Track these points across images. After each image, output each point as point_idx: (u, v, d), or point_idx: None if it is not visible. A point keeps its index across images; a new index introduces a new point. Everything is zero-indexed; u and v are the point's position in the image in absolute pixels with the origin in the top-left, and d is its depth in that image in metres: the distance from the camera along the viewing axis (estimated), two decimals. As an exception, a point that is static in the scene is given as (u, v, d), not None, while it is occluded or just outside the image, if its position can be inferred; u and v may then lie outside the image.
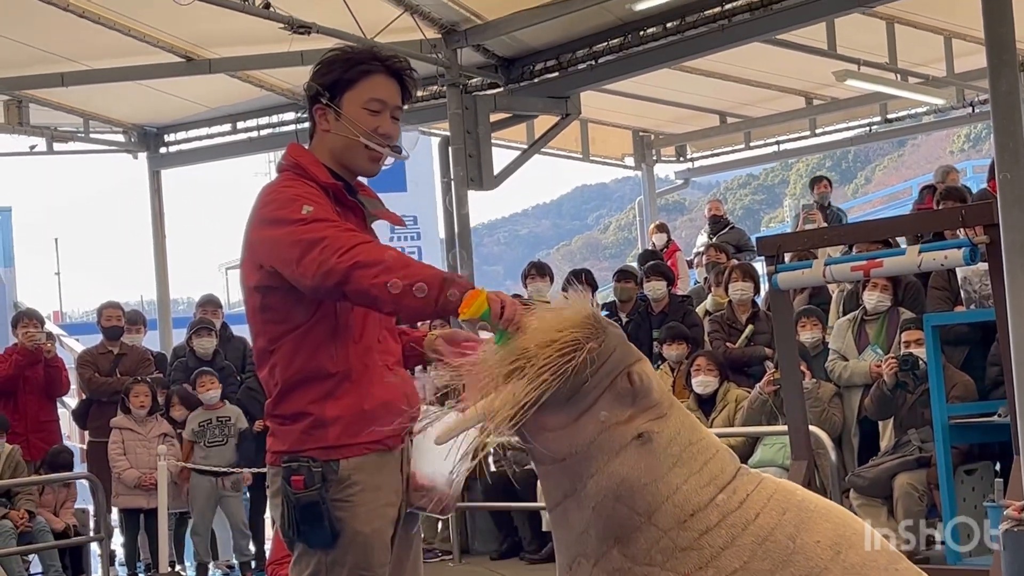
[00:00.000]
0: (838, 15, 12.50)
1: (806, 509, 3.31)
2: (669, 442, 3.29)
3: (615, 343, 3.33)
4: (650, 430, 3.28)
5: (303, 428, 3.70)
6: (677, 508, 3.24)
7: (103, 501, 10.37)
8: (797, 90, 17.01)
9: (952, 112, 17.22)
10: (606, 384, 3.30)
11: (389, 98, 3.82)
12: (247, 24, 11.27)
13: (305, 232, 3.53)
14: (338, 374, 3.68)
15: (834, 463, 8.16)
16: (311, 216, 3.57)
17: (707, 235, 15.52)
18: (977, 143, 54.08)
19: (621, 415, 3.29)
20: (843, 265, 7.44)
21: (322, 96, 3.79)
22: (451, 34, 12.70)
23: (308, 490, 3.65)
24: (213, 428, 10.79)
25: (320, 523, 3.66)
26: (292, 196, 3.65)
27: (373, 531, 3.71)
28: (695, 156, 20.02)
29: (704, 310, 11.47)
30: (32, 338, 11.00)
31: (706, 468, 3.30)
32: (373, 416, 3.69)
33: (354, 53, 3.88)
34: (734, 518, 3.25)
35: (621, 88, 15.64)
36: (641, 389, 3.31)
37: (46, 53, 13.11)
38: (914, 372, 8.47)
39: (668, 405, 3.36)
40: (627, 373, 3.31)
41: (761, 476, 3.38)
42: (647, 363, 3.42)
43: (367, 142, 3.78)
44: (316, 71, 3.86)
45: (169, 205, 16.75)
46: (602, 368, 3.28)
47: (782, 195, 62.71)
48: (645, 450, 3.27)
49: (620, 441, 3.27)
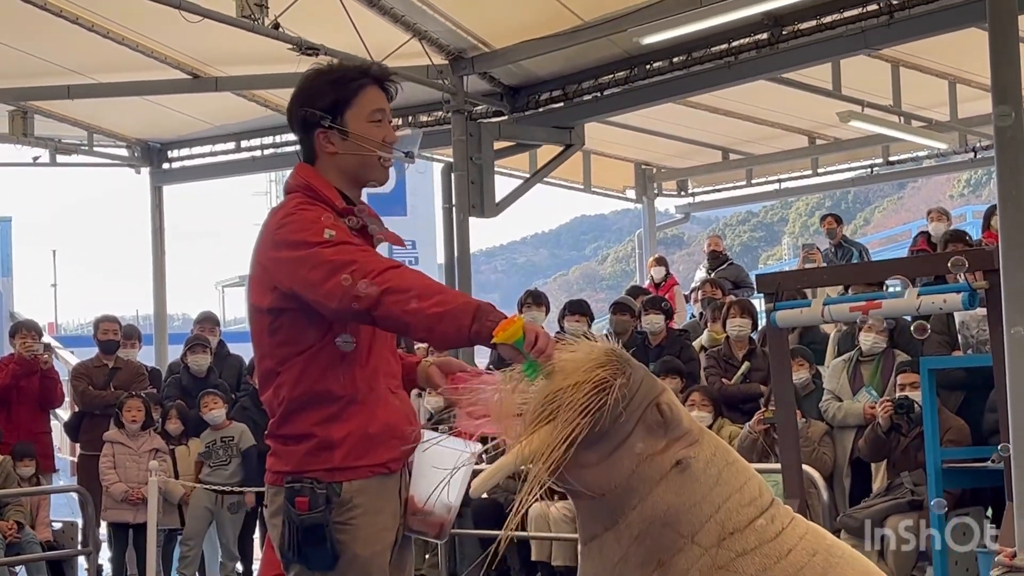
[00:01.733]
0: (844, 56, 12.54)
1: (834, 554, 3.37)
2: (707, 465, 3.36)
3: (641, 376, 3.38)
4: (687, 456, 3.35)
5: (308, 449, 3.68)
6: (719, 525, 3.30)
7: (92, 514, 10.33)
8: (800, 129, 17.06)
9: (954, 156, 17.28)
10: (637, 417, 3.35)
11: (384, 106, 3.85)
12: (255, 43, 11.30)
13: (331, 255, 3.52)
14: (345, 397, 3.67)
15: (826, 503, 8.14)
16: (335, 239, 3.57)
17: (705, 270, 15.53)
18: (977, 188, 54.28)
19: (656, 446, 3.36)
20: (842, 305, 7.43)
21: (324, 120, 3.78)
22: (458, 61, 12.74)
23: (312, 512, 3.64)
24: (217, 449, 10.79)
25: (322, 545, 3.65)
26: (312, 218, 3.64)
27: (372, 554, 3.70)
28: (696, 191, 20.05)
29: (700, 345, 11.46)
30: (29, 348, 10.99)
31: (746, 487, 3.38)
32: (378, 439, 3.70)
33: (340, 72, 3.87)
34: (769, 548, 3.31)
35: (625, 120, 15.69)
36: (671, 419, 3.37)
37: (53, 65, 13.15)
38: (909, 415, 8.47)
39: (699, 431, 3.44)
40: (656, 405, 3.36)
41: (793, 512, 3.45)
42: (670, 392, 3.48)
43: (383, 154, 3.79)
44: (305, 97, 3.83)
45: (168, 220, 16.77)
46: (631, 403, 3.33)
47: (781, 233, 62.96)
48: (685, 476, 3.34)
49: (660, 471, 3.34)
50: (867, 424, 8.95)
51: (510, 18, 12.12)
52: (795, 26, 11.57)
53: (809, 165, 18.50)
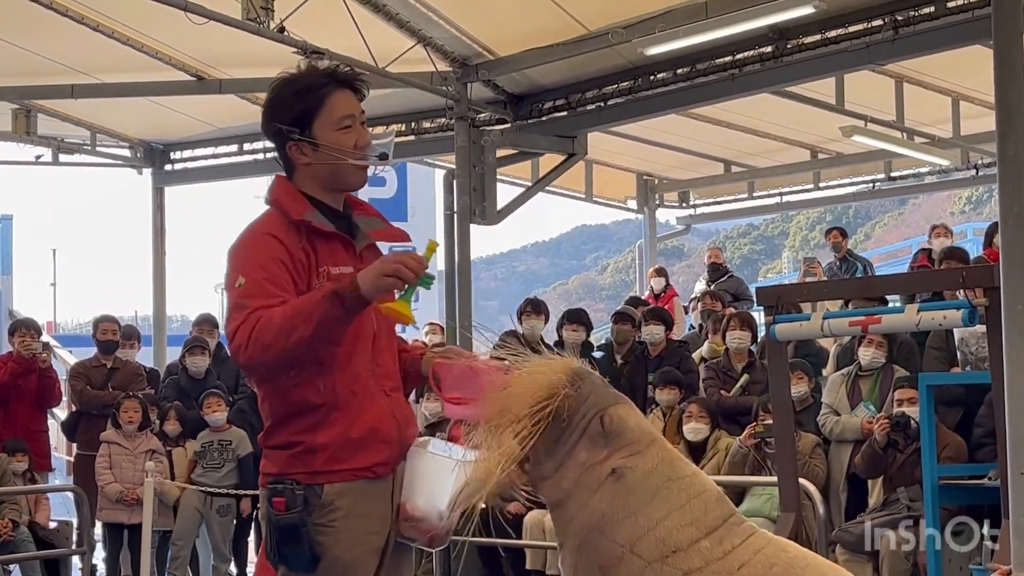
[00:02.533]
0: (848, 71, 12.55)
1: (796, 566, 3.31)
2: (645, 477, 3.36)
3: (590, 388, 3.44)
4: (623, 466, 3.37)
5: (292, 453, 3.71)
6: (659, 541, 3.29)
7: (87, 514, 10.33)
8: (803, 143, 17.07)
9: (955, 173, 17.28)
10: (583, 428, 3.40)
11: (354, 110, 3.82)
12: (260, 46, 11.29)
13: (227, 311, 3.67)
14: (324, 405, 3.68)
15: (821, 516, 8.13)
16: (239, 294, 3.61)
17: (705, 282, 15.54)
18: (978, 206, 54.31)
19: (598, 456, 3.39)
20: (841, 319, 7.43)
21: (292, 133, 3.78)
22: (462, 68, 12.74)
23: (289, 512, 3.65)
24: (213, 451, 10.77)
25: (299, 546, 3.66)
26: (239, 258, 3.69)
27: (354, 558, 3.70)
28: (697, 203, 20.05)
29: (700, 356, 11.46)
30: (28, 347, 10.99)
31: (688, 506, 3.34)
32: (361, 443, 3.70)
33: (304, 80, 3.85)
34: (717, 566, 3.27)
35: (628, 131, 15.69)
36: (612, 430, 3.40)
37: (57, 64, 13.15)
38: (906, 432, 8.47)
39: (647, 444, 3.42)
40: (600, 416, 3.40)
41: (753, 529, 3.40)
42: (625, 406, 3.50)
43: (355, 162, 3.78)
44: (272, 109, 3.86)
45: (168, 222, 16.78)
46: (577, 413, 3.40)
47: (781, 246, 62.98)
48: (620, 485, 3.35)
49: (597, 479, 3.37)
50: (865, 439, 8.95)
51: (515, 26, 12.12)
52: (800, 40, 11.57)
53: (811, 179, 18.51)
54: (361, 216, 3.93)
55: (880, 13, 11.03)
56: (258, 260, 3.65)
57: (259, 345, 3.49)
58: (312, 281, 3.69)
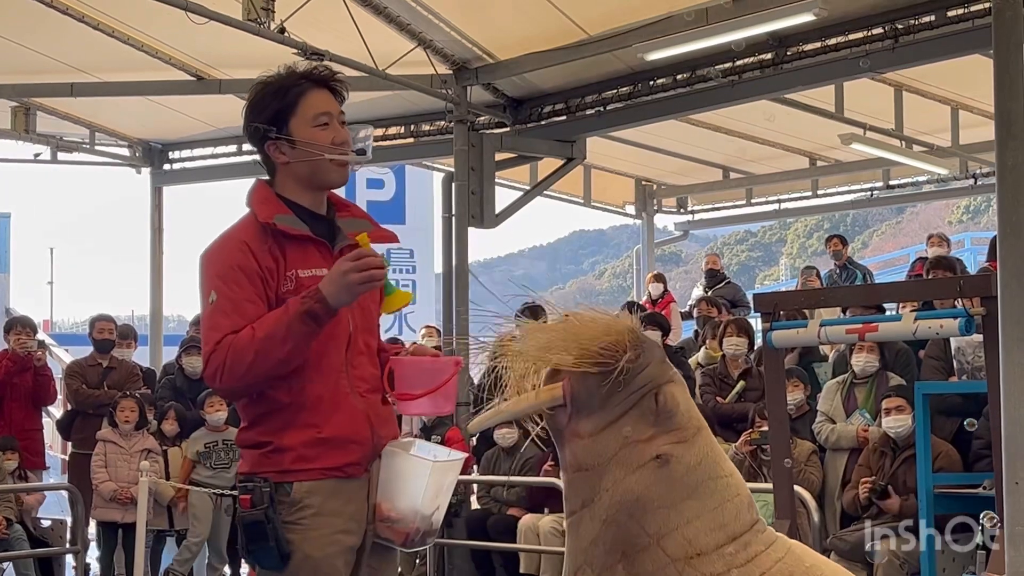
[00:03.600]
0: (847, 79, 12.55)
1: (813, 575, 3.30)
2: (688, 470, 3.29)
3: (650, 359, 3.33)
4: (669, 453, 3.29)
5: (262, 452, 3.75)
6: (687, 541, 3.24)
7: (81, 513, 10.31)
8: (802, 150, 17.07)
9: (954, 183, 17.28)
10: (634, 401, 3.31)
11: (330, 108, 3.86)
12: (260, 47, 11.28)
13: (201, 328, 3.76)
14: (293, 404, 3.72)
15: (816, 524, 8.14)
16: (211, 312, 3.69)
17: (703, 288, 15.54)
18: (976, 215, 54.38)
19: (643, 433, 3.30)
20: (838, 327, 7.44)
21: (270, 133, 3.81)
22: (462, 71, 12.74)
23: (254, 509, 3.68)
24: (219, 451, 10.78)
25: (265, 542, 3.67)
26: (210, 273, 3.74)
27: (324, 556, 3.70)
28: (696, 208, 20.05)
29: (696, 363, 11.46)
30: (24, 345, 10.98)
31: (721, 509, 3.29)
32: (332, 443, 3.72)
33: (279, 81, 3.89)
34: (738, 572, 3.24)
35: (627, 136, 15.70)
36: (664, 410, 3.31)
37: (57, 62, 13.13)
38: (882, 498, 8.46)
39: (694, 432, 3.35)
40: (655, 392, 3.31)
41: (776, 536, 3.38)
42: (680, 386, 3.40)
43: (331, 156, 3.81)
44: (250, 111, 3.89)
45: (166, 222, 16.75)
46: (633, 382, 3.29)
47: (779, 253, 63.03)
48: (662, 473, 3.27)
49: (639, 459, 3.28)
50: (860, 447, 8.95)
51: (515, 30, 12.12)
52: (800, 47, 11.57)
53: (809, 186, 18.52)
54: (346, 218, 3.95)
55: (880, 21, 11.03)
56: (230, 274, 3.71)
57: (234, 375, 3.62)
58: (280, 286, 3.74)
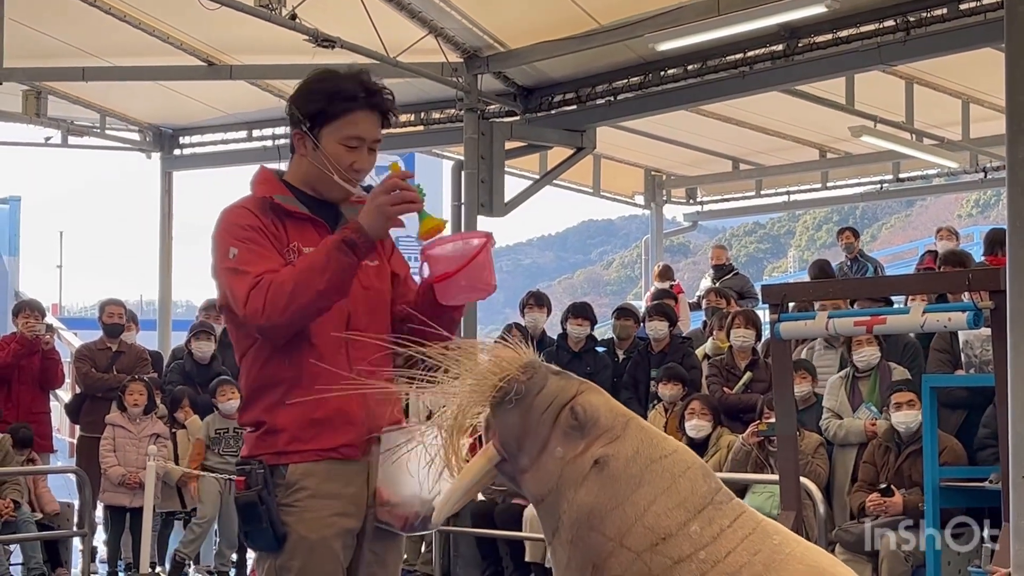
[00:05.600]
0: (858, 71, 12.55)
1: (781, 551, 3.23)
2: (627, 463, 3.26)
3: (547, 378, 3.34)
4: (605, 455, 3.26)
5: (258, 434, 3.77)
6: (648, 530, 3.21)
7: (89, 496, 10.34)
8: (812, 142, 17.06)
9: (964, 176, 17.27)
10: (552, 421, 3.30)
11: (367, 133, 3.81)
12: (271, 33, 11.31)
13: (227, 282, 3.70)
14: (287, 380, 3.71)
15: (822, 515, 8.14)
16: (232, 264, 3.69)
17: (711, 279, 15.52)
18: (985, 209, 54.25)
19: (576, 448, 3.28)
20: (846, 319, 7.42)
21: (302, 123, 3.81)
22: (473, 59, 12.75)
23: (248, 491, 3.69)
24: (229, 438, 10.79)
25: (259, 524, 3.68)
26: (224, 234, 3.76)
27: (320, 539, 3.71)
28: (705, 200, 20.06)
29: (703, 353, 11.46)
30: (32, 328, 10.99)
31: (675, 487, 3.25)
32: (326, 424, 3.72)
33: (340, 85, 3.82)
34: (705, 553, 3.19)
35: (636, 126, 15.69)
36: (585, 419, 3.29)
37: (69, 46, 13.17)
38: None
39: (623, 426, 3.32)
40: (570, 408, 3.30)
41: (742, 510, 3.31)
42: (592, 391, 3.39)
43: (339, 180, 3.79)
44: (299, 94, 3.87)
45: (176, 207, 16.80)
46: (537, 405, 3.30)
47: (787, 245, 62.97)
48: (604, 475, 3.25)
49: (580, 472, 3.27)
50: (868, 441, 8.94)
51: (526, 19, 12.13)
52: (811, 39, 11.57)
53: (819, 178, 18.52)
54: (355, 206, 3.88)
55: (892, 14, 11.03)
56: (245, 233, 3.73)
57: (276, 307, 3.58)
58: (285, 257, 3.75)
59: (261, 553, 3.79)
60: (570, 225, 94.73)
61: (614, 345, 11.41)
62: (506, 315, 28.67)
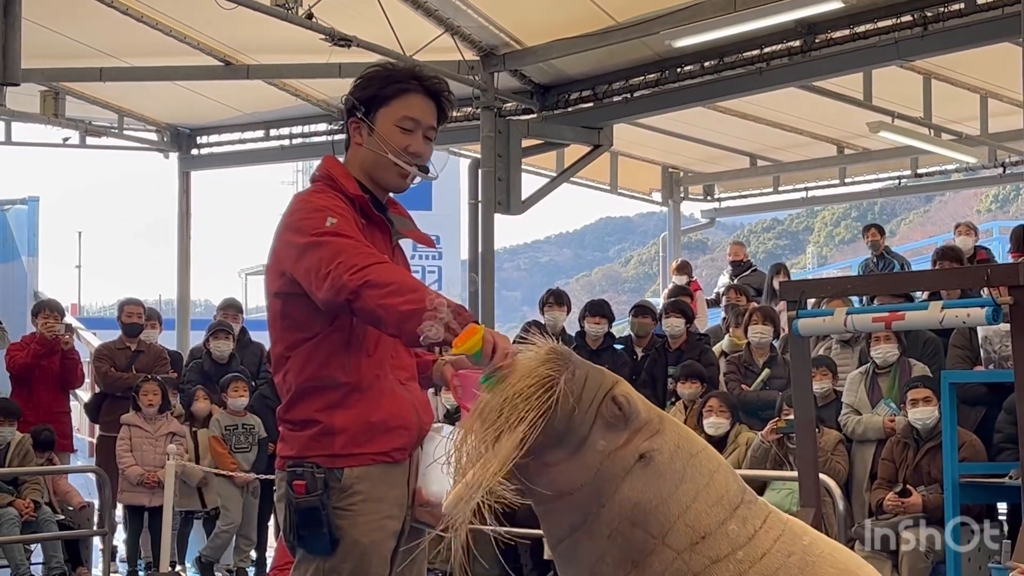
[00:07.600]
0: (876, 66, 12.51)
1: (812, 554, 3.26)
2: (671, 458, 3.26)
3: (585, 370, 3.30)
4: (649, 449, 3.25)
5: (311, 435, 3.72)
6: (689, 528, 3.21)
7: (109, 496, 10.37)
8: (829, 138, 17.03)
9: (982, 171, 17.23)
10: (594, 413, 3.26)
11: (423, 117, 3.85)
12: (288, 33, 11.33)
13: (324, 245, 3.56)
14: (348, 384, 3.70)
15: (842, 512, 8.12)
16: (333, 229, 3.60)
17: (729, 276, 15.50)
18: (1005, 204, 54.06)
19: (617, 440, 3.26)
20: (865, 316, 7.40)
21: (357, 110, 3.83)
22: (489, 57, 12.75)
23: (309, 495, 3.67)
24: (239, 434, 10.84)
25: (319, 529, 3.68)
26: (319, 206, 3.69)
27: (372, 542, 3.72)
28: (722, 196, 20.03)
29: (720, 350, 11.44)
30: (51, 328, 11.02)
31: (712, 484, 3.26)
32: (381, 428, 3.72)
33: (394, 70, 3.90)
34: (743, 553, 3.22)
35: (654, 123, 15.69)
36: (629, 411, 3.27)
37: (86, 47, 13.21)
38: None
39: (659, 419, 3.32)
40: (611, 398, 3.27)
41: (768, 509, 3.34)
42: (625, 383, 3.38)
43: (395, 160, 3.80)
44: (356, 85, 3.90)
45: (194, 206, 16.85)
46: (582, 397, 3.25)
47: (805, 242, 62.80)
48: (650, 471, 3.24)
49: (624, 466, 3.24)
50: (887, 437, 8.92)
51: (543, 16, 12.13)
52: (828, 34, 11.56)
53: (837, 174, 18.48)
54: (394, 215, 3.96)
55: (909, 9, 11.00)
56: (341, 210, 3.68)
57: (372, 285, 3.44)
58: None
59: (305, 555, 3.76)
60: (588, 222, 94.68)
61: (632, 343, 11.39)
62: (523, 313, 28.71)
